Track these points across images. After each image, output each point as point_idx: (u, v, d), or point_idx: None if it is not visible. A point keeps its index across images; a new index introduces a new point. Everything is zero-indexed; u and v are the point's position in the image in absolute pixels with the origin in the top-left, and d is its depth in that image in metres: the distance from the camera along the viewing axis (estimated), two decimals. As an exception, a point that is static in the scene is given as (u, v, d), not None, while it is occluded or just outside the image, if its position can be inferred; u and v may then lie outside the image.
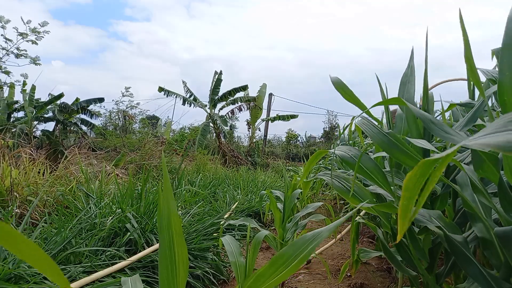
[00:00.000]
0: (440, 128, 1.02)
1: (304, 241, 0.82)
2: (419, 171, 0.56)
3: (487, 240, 1.08)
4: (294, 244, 0.82)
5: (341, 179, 1.56)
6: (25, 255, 0.28)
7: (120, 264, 1.92)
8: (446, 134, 1.01)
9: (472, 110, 1.33)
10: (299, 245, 0.82)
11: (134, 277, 0.93)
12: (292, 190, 2.41)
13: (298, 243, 0.82)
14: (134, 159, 6.30)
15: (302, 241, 0.82)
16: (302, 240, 0.82)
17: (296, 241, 0.83)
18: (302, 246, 0.81)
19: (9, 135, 7.21)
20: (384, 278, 2.47)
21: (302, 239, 0.83)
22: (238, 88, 12.48)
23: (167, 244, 0.74)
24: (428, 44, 1.34)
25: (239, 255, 1.47)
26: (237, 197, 4.76)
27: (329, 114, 19.37)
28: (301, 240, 0.83)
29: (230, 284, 2.41)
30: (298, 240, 0.83)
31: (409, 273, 1.44)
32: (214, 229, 2.82)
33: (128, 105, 10.26)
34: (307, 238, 0.82)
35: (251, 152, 13.67)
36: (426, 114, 1.07)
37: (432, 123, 1.03)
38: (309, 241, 0.81)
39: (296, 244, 0.82)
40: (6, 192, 2.86)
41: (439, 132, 1.01)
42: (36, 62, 8.86)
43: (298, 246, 0.82)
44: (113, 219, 2.32)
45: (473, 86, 2.18)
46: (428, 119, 1.05)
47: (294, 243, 0.83)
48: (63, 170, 3.95)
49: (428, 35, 1.31)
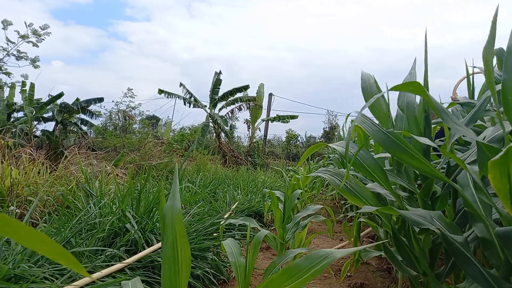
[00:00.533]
0: (451, 119, 1.05)
1: (319, 256, 0.85)
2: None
3: (487, 240, 1.08)
4: (309, 257, 0.86)
5: (341, 178, 1.56)
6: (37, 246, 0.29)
7: (120, 264, 1.92)
8: (456, 125, 1.03)
9: (473, 110, 1.33)
10: (313, 259, 0.85)
11: (135, 280, 0.94)
12: (292, 191, 2.41)
13: (313, 257, 0.86)
14: (134, 159, 6.29)
15: (317, 255, 0.86)
16: (317, 255, 0.86)
17: (311, 254, 0.87)
18: (316, 261, 0.85)
19: (9, 135, 7.21)
20: (384, 278, 2.47)
21: (317, 254, 0.86)
22: (239, 88, 12.44)
23: (170, 243, 0.74)
24: (428, 44, 1.34)
25: (239, 255, 1.48)
26: (237, 197, 4.76)
27: (329, 114, 19.38)
28: (316, 255, 0.86)
29: (230, 284, 2.41)
30: (313, 254, 0.87)
31: (409, 273, 1.44)
32: (214, 229, 2.81)
33: (128, 106, 10.27)
34: (322, 254, 0.86)
35: (251, 152, 13.67)
36: (440, 104, 1.09)
37: (444, 113, 1.06)
38: (323, 257, 0.85)
39: (311, 257, 0.86)
40: (6, 192, 2.86)
41: (450, 123, 1.04)
42: (36, 64, 8.92)
43: (313, 260, 0.85)
44: (113, 219, 2.32)
45: (473, 86, 2.18)
46: (442, 108, 1.08)
47: (309, 257, 0.86)
48: (63, 170, 3.94)
49: (428, 35, 1.32)
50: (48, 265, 1.73)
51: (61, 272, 1.73)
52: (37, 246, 0.30)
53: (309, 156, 9.93)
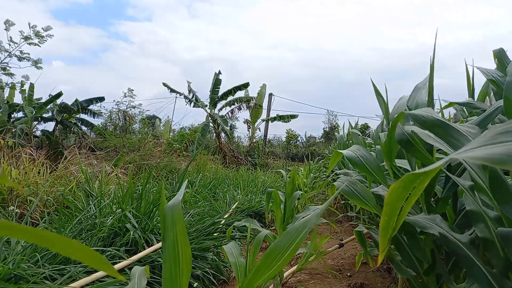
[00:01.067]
0: (446, 132, 1.03)
1: (295, 230, 0.83)
2: (402, 184, 0.55)
3: (488, 240, 1.08)
4: (286, 234, 0.84)
5: (349, 183, 1.60)
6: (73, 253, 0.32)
7: (120, 264, 1.92)
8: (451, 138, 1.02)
9: (484, 114, 1.33)
10: (290, 234, 0.83)
11: (140, 271, 0.94)
12: (293, 190, 2.41)
13: (290, 233, 0.84)
14: (134, 159, 6.29)
15: (293, 230, 0.84)
16: (293, 230, 0.84)
17: (287, 231, 0.85)
18: (293, 235, 0.82)
19: (9, 135, 7.21)
20: (384, 278, 2.47)
21: (292, 228, 0.84)
22: (240, 86, 12.46)
23: (171, 244, 0.74)
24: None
25: (239, 256, 1.48)
26: (237, 197, 4.76)
27: (329, 114, 19.40)
28: (292, 229, 0.84)
29: (230, 284, 2.41)
30: (289, 230, 0.85)
31: (409, 274, 1.44)
32: (214, 229, 2.81)
33: (128, 105, 10.27)
34: (297, 227, 0.84)
35: (251, 152, 13.67)
36: (429, 118, 1.08)
37: (436, 127, 1.05)
38: (299, 229, 0.83)
39: (288, 234, 0.84)
40: (6, 192, 2.86)
41: (444, 136, 1.02)
42: (38, 65, 9.04)
43: (290, 236, 0.83)
44: (113, 219, 2.32)
45: (472, 86, 2.18)
46: (432, 122, 1.06)
47: (286, 233, 0.84)
48: (63, 170, 3.94)
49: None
50: (48, 265, 1.73)
51: (61, 272, 1.73)
52: (73, 253, 0.32)
53: (310, 156, 9.92)
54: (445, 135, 1.02)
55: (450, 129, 1.03)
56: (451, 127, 1.03)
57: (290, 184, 2.41)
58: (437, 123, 1.05)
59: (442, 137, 1.04)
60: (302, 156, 14.40)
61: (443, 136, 1.04)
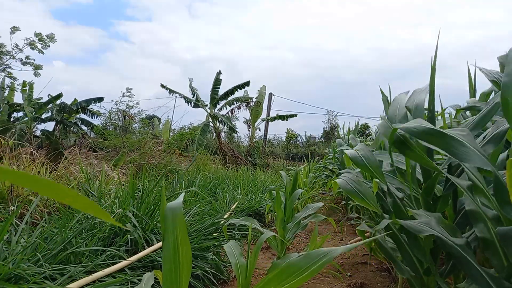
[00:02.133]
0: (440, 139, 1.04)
1: (317, 254, 0.82)
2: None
3: (487, 240, 1.08)
4: (308, 256, 0.83)
5: (351, 182, 1.61)
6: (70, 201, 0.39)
7: (120, 264, 1.92)
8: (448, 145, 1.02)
9: (480, 115, 1.33)
10: (312, 257, 0.82)
11: (148, 277, 0.94)
12: (293, 191, 2.41)
13: (312, 255, 0.83)
14: (134, 159, 6.29)
15: (315, 254, 0.83)
16: (315, 254, 0.83)
17: (309, 253, 0.84)
18: (314, 259, 0.82)
19: (9, 135, 7.21)
20: (384, 278, 2.47)
21: (315, 253, 0.83)
22: (240, 85, 12.48)
23: (171, 244, 0.74)
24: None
25: (240, 256, 1.48)
26: (237, 197, 4.76)
27: (329, 114, 19.40)
28: (315, 253, 0.83)
29: (230, 284, 2.41)
30: (312, 253, 0.84)
31: (408, 274, 1.44)
32: (214, 229, 2.81)
33: (127, 105, 10.27)
34: (320, 253, 0.83)
35: (251, 152, 13.67)
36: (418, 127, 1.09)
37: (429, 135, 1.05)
38: (322, 255, 0.82)
39: (310, 256, 0.83)
40: (6, 192, 2.86)
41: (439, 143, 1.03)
42: (37, 72, 9.30)
43: (311, 258, 0.82)
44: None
45: (474, 87, 2.18)
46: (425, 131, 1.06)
47: (308, 255, 0.83)
48: (63, 170, 3.94)
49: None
50: (48, 265, 1.73)
51: (61, 272, 1.73)
52: (71, 201, 0.39)
53: (310, 156, 9.93)
54: (440, 143, 1.03)
55: (443, 136, 1.04)
56: (443, 133, 1.03)
57: (290, 185, 2.41)
58: (430, 132, 1.06)
59: (436, 144, 1.05)
60: (302, 156, 14.40)
61: (437, 144, 1.05)
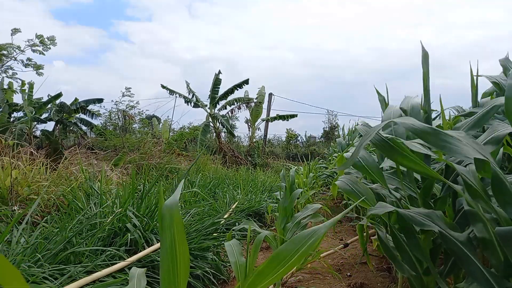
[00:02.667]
0: (436, 137, 1.03)
1: (303, 237, 0.83)
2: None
3: (487, 240, 1.08)
4: (293, 240, 0.83)
5: (350, 182, 1.60)
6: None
7: (120, 264, 1.92)
8: (443, 142, 1.01)
9: (477, 115, 1.33)
10: (297, 241, 0.83)
11: (140, 273, 0.94)
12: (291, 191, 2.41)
13: (297, 239, 0.83)
14: (134, 159, 6.30)
15: (300, 237, 0.83)
16: (300, 237, 0.83)
17: (294, 237, 0.84)
18: (300, 243, 0.82)
19: (9, 134, 7.21)
20: (384, 278, 2.47)
21: (300, 235, 0.84)
22: (239, 83, 12.51)
23: (168, 243, 0.74)
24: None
25: (240, 255, 1.48)
26: (237, 197, 4.76)
27: (329, 114, 19.38)
28: (300, 236, 0.83)
29: (230, 284, 2.41)
30: (296, 237, 0.84)
31: (409, 273, 1.44)
32: (214, 229, 2.82)
33: (127, 105, 10.28)
34: (305, 235, 0.83)
35: (251, 152, 13.67)
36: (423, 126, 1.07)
37: (426, 134, 1.03)
38: (307, 237, 0.82)
39: (295, 240, 0.83)
40: (6, 192, 2.86)
41: (435, 142, 1.02)
42: (39, 71, 9.40)
43: (297, 243, 0.82)
44: (114, 219, 2.32)
45: (476, 88, 2.18)
46: (421, 130, 1.04)
47: (293, 240, 0.83)
48: (63, 170, 3.95)
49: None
50: (48, 265, 1.73)
51: (61, 272, 1.74)
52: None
53: (310, 156, 9.93)
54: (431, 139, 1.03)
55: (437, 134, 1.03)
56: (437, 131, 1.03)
57: (289, 186, 2.42)
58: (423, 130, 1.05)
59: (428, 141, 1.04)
60: (302, 156, 14.40)
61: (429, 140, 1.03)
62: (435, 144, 1.02)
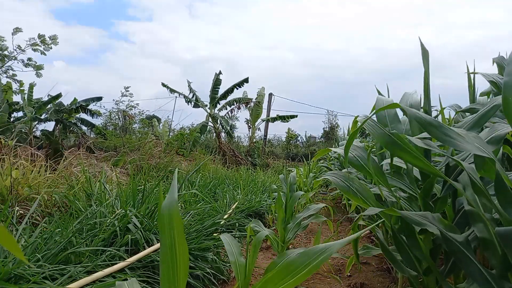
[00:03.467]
0: (440, 131, 1.03)
1: (315, 251, 0.82)
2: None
3: (487, 240, 1.08)
4: (305, 253, 0.83)
5: (345, 179, 1.58)
6: None
7: (120, 264, 1.92)
8: (446, 137, 1.01)
9: (477, 115, 1.33)
10: (310, 255, 0.82)
11: (131, 281, 0.93)
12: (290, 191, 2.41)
13: (310, 252, 0.82)
14: (134, 160, 6.29)
15: (313, 251, 0.82)
16: (313, 251, 0.82)
17: (307, 250, 0.83)
18: (313, 256, 0.81)
19: (8, 135, 7.21)
20: (384, 278, 2.47)
21: (313, 249, 0.83)
22: (239, 82, 12.53)
23: (168, 243, 0.74)
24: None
25: (239, 255, 1.48)
26: (237, 197, 4.76)
27: (329, 114, 19.35)
28: (313, 250, 0.83)
29: (230, 284, 2.41)
30: (309, 250, 0.83)
31: (409, 273, 1.44)
32: (214, 229, 2.81)
33: (128, 105, 10.28)
34: (318, 249, 0.82)
35: (251, 152, 13.66)
36: (427, 117, 1.07)
37: (432, 126, 1.03)
38: (319, 252, 0.81)
39: (307, 254, 0.82)
40: (6, 192, 2.86)
41: (439, 135, 1.02)
42: (39, 72, 9.41)
43: (309, 256, 0.81)
44: (114, 219, 2.32)
45: (474, 87, 2.18)
46: (427, 122, 1.05)
47: (306, 252, 0.83)
48: (64, 170, 3.94)
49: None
50: (48, 265, 1.73)
51: (61, 272, 1.73)
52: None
53: (310, 156, 9.93)
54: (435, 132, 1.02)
55: (440, 126, 1.03)
56: (440, 123, 1.03)
57: (289, 187, 2.41)
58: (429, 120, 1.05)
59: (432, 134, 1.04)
60: (302, 156, 14.38)
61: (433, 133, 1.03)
62: (438, 137, 1.02)
